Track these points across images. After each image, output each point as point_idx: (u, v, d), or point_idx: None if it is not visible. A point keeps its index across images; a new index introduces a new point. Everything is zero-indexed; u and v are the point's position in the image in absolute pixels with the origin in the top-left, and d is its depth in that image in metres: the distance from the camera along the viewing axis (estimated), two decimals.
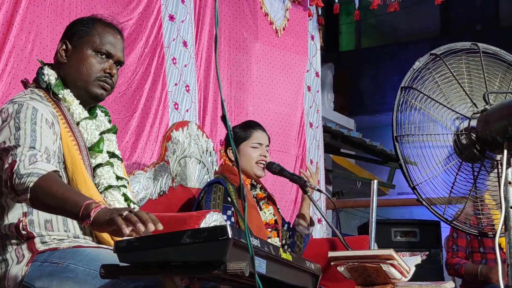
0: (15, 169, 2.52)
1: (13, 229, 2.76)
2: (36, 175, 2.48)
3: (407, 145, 3.27)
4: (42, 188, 2.46)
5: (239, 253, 2.14)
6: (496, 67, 3.41)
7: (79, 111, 2.93)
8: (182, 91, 5.36)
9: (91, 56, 2.94)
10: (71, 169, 2.78)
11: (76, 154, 2.82)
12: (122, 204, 2.88)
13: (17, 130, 2.66)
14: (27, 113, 2.70)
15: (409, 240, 7.42)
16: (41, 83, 2.93)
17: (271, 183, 5.85)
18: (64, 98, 2.91)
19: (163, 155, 4.61)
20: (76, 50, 2.95)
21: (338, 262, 3.42)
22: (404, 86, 3.31)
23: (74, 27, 3.00)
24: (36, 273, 2.68)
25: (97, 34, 2.97)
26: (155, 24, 5.19)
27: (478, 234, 3.41)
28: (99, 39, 2.96)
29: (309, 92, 6.84)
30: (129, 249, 2.19)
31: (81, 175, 2.79)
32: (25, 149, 2.59)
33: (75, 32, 2.98)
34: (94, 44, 2.95)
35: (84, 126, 2.92)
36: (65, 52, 2.96)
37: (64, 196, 2.43)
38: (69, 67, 2.95)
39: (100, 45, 2.96)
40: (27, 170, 2.50)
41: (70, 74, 2.94)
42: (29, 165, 2.52)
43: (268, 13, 6.44)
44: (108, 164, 2.93)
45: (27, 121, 2.68)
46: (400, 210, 13.08)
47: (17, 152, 2.58)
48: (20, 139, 2.63)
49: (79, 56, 2.94)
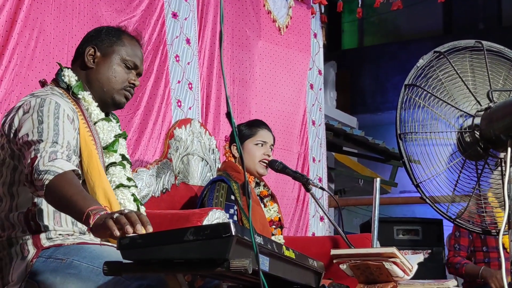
0: (35, 164, 2.55)
1: (22, 218, 2.77)
2: (52, 173, 2.51)
3: (411, 142, 3.27)
4: (55, 188, 2.50)
5: (242, 251, 2.14)
6: (500, 65, 3.40)
7: (97, 112, 3.00)
8: (185, 89, 5.36)
9: (120, 66, 3.05)
10: (86, 161, 2.82)
11: (93, 148, 2.86)
12: (132, 203, 2.94)
13: (40, 123, 2.69)
14: (50, 107, 2.75)
15: (411, 238, 7.42)
16: (61, 83, 2.99)
17: (273, 181, 5.85)
18: (83, 98, 2.98)
19: (166, 152, 4.61)
20: (105, 57, 3.04)
21: (341, 260, 3.42)
22: (408, 84, 3.30)
23: (101, 35, 3.09)
24: (40, 269, 2.69)
25: (125, 45, 3.08)
26: (158, 22, 5.19)
27: (482, 232, 3.40)
28: (127, 51, 3.07)
29: (311, 90, 6.83)
30: (132, 246, 2.18)
31: (96, 168, 2.82)
32: (47, 145, 2.62)
33: (104, 39, 3.07)
34: (123, 55, 3.06)
35: (101, 127, 2.99)
36: (92, 57, 3.04)
37: (72, 199, 2.46)
38: (96, 73, 3.03)
39: (129, 57, 3.07)
40: (46, 167, 2.53)
41: (97, 79, 3.03)
42: (48, 162, 2.55)
43: (271, 11, 6.43)
44: (120, 164, 3.00)
45: (50, 115, 2.72)
46: (402, 208, 13.09)
47: (40, 147, 2.61)
48: (43, 133, 2.66)
49: (108, 63, 3.04)
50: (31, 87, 4.02)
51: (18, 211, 2.79)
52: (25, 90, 3.99)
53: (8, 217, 2.80)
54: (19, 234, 2.77)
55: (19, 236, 2.77)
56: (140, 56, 3.13)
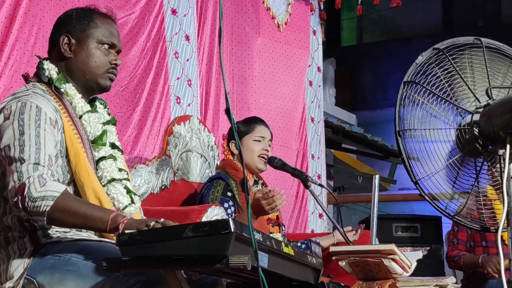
0: (26, 192, 2.55)
1: (15, 220, 2.76)
2: (51, 199, 2.54)
3: (410, 139, 3.27)
4: (60, 210, 2.54)
5: (241, 247, 2.14)
6: (499, 62, 3.40)
7: (81, 104, 2.94)
8: (184, 85, 5.36)
9: (97, 49, 2.97)
10: (74, 162, 2.79)
11: (80, 147, 2.82)
12: (125, 196, 2.91)
13: (21, 134, 2.66)
14: (31, 114, 2.70)
15: (410, 236, 7.44)
16: (42, 77, 2.93)
17: (272, 177, 5.85)
18: (66, 92, 2.92)
19: (165, 149, 4.61)
20: (80, 44, 2.96)
21: (340, 256, 3.43)
22: (407, 81, 3.30)
23: (73, 21, 2.99)
24: (38, 266, 2.69)
25: (98, 26, 2.99)
26: (157, 18, 5.19)
27: (480, 229, 3.40)
28: (101, 32, 2.98)
29: (310, 87, 6.83)
30: (131, 242, 2.19)
31: (84, 168, 2.80)
32: (30, 166, 2.60)
33: (75, 25, 2.97)
34: (99, 37, 2.97)
35: (87, 120, 2.93)
36: (68, 46, 2.96)
37: (86, 214, 2.54)
38: (76, 61, 2.96)
39: (105, 37, 2.98)
40: (40, 193, 2.55)
41: (77, 68, 2.96)
42: (40, 187, 2.56)
43: (270, 8, 6.43)
44: (111, 157, 2.95)
45: (31, 123, 2.68)
46: (401, 205, 13.08)
47: (23, 170, 2.60)
48: (24, 148, 2.64)
49: (85, 49, 2.95)
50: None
51: (12, 214, 2.77)
52: None
53: (2, 220, 2.79)
54: (16, 233, 2.77)
55: (16, 235, 2.77)
56: (116, 33, 3.04)
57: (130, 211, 2.88)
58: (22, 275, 2.70)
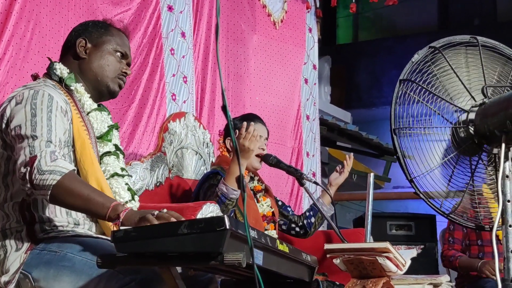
0: (36, 164, 2.58)
1: (17, 207, 2.78)
2: (58, 174, 2.56)
3: (405, 138, 3.27)
4: (65, 187, 2.56)
5: (237, 244, 2.14)
6: (495, 60, 3.40)
7: (89, 102, 3.01)
8: (179, 82, 5.36)
9: (112, 55, 3.07)
10: (79, 151, 2.83)
11: (86, 138, 2.87)
12: (126, 192, 2.96)
13: (33, 116, 2.70)
14: (43, 100, 2.75)
15: (404, 234, 7.44)
16: (53, 76, 2.99)
17: (267, 175, 5.85)
18: (76, 89, 2.99)
19: (160, 146, 4.61)
20: (96, 48, 3.06)
21: (334, 254, 3.42)
22: (403, 79, 3.30)
23: (89, 27, 3.11)
24: (34, 261, 2.70)
25: (114, 35, 3.11)
26: (153, 15, 5.19)
27: (475, 228, 3.41)
28: (117, 40, 3.10)
29: (306, 84, 6.84)
30: (126, 239, 2.19)
31: (89, 157, 2.84)
32: (42, 143, 2.64)
33: (92, 32, 3.09)
34: (114, 45, 3.09)
35: (94, 117, 3.00)
36: (84, 48, 3.05)
37: (89, 197, 2.56)
38: (89, 63, 3.05)
39: (119, 46, 3.10)
40: (49, 167, 2.57)
41: (90, 69, 3.04)
42: (50, 162, 2.58)
43: (266, 5, 6.43)
44: (114, 154, 3.01)
45: (44, 108, 2.73)
46: (395, 203, 13.11)
47: (35, 144, 2.63)
48: (37, 127, 2.68)
49: (100, 52, 3.06)
50: (26, 79, 4.01)
51: (13, 201, 2.79)
52: (20, 82, 3.98)
53: (3, 207, 2.80)
54: (14, 224, 2.77)
55: (13, 227, 2.77)
56: (129, 46, 3.17)
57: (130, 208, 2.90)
58: (18, 269, 2.71)
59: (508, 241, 3.10)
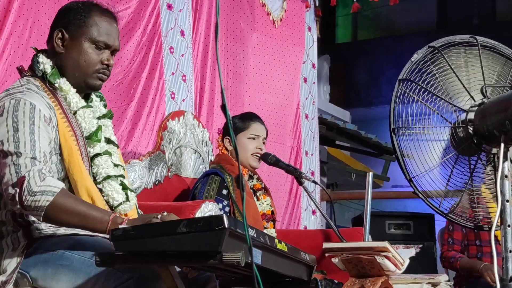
0: (26, 185, 2.55)
1: (9, 216, 2.75)
2: (51, 194, 2.54)
3: (404, 137, 3.27)
4: (59, 206, 2.54)
5: (235, 243, 2.14)
6: (494, 60, 3.39)
7: (76, 100, 2.89)
8: (178, 81, 5.36)
9: (89, 48, 2.90)
10: (67, 160, 2.77)
11: (73, 144, 2.79)
12: (120, 194, 2.88)
13: (15, 131, 2.64)
14: (25, 111, 2.67)
15: (403, 233, 7.43)
16: (37, 71, 2.88)
17: (266, 174, 5.85)
18: (60, 87, 2.87)
19: (159, 144, 4.61)
20: (73, 41, 2.90)
21: (333, 253, 3.42)
22: (402, 78, 3.30)
23: (70, 15, 2.92)
24: (31, 261, 2.69)
25: (95, 24, 2.91)
26: (153, 13, 5.18)
27: (474, 227, 3.40)
28: (97, 30, 2.90)
29: (305, 83, 6.83)
30: (125, 237, 2.18)
31: (77, 166, 2.77)
32: (27, 160, 2.59)
33: (72, 20, 2.91)
34: (92, 36, 2.90)
35: (81, 115, 2.88)
36: (61, 41, 2.90)
37: (86, 213, 2.55)
38: (66, 58, 2.90)
39: (98, 37, 2.90)
40: (40, 188, 2.55)
41: (68, 65, 2.90)
42: (40, 182, 2.55)
43: (265, 4, 6.43)
44: (106, 153, 2.91)
45: (26, 121, 2.66)
46: (394, 202, 13.10)
47: (20, 162, 2.59)
48: (19, 143, 2.62)
49: (77, 47, 2.89)
50: None
51: (6, 209, 2.76)
52: None
53: None
54: (10, 228, 2.76)
55: (10, 229, 2.76)
56: (114, 32, 2.96)
57: (125, 208, 2.86)
58: (15, 269, 2.69)
59: (507, 241, 3.10)
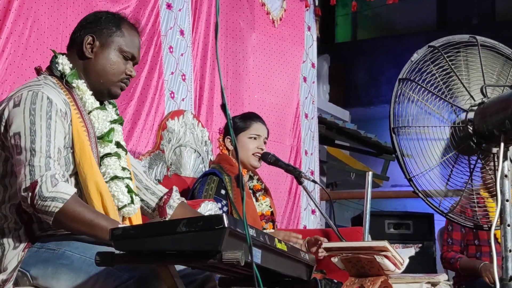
0: (38, 190, 2.59)
1: (14, 209, 2.76)
2: (61, 201, 2.58)
3: (404, 137, 3.26)
4: (68, 214, 2.59)
5: (235, 243, 2.14)
6: (494, 60, 3.39)
7: (91, 101, 2.94)
8: (178, 80, 5.36)
9: (118, 57, 2.98)
10: (79, 153, 2.80)
11: (85, 140, 2.83)
12: (125, 195, 2.92)
13: (32, 124, 2.67)
14: (43, 104, 2.71)
15: (402, 232, 7.43)
16: (55, 71, 2.93)
17: (266, 173, 5.85)
18: (78, 87, 2.92)
19: (158, 143, 4.60)
20: (103, 48, 2.97)
21: (332, 253, 3.42)
22: (402, 78, 3.30)
23: (101, 24, 3.00)
24: (32, 259, 2.70)
25: (124, 35, 3.00)
26: (152, 12, 5.18)
27: (474, 227, 3.40)
28: (126, 41, 3.00)
29: (305, 83, 6.84)
30: (125, 237, 2.18)
31: (88, 160, 2.81)
32: (42, 160, 2.63)
33: (103, 29, 2.98)
34: (123, 46, 2.99)
35: (95, 116, 2.93)
36: (91, 46, 2.97)
37: (93, 222, 2.59)
38: (94, 63, 2.97)
39: (127, 48, 3.00)
40: (51, 193, 2.59)
41: (94, 70, 2.96)
42: (52, 187, 2.59)
43: (265, 3, 6.43)
44: (115, 155, 2.95)
45: (43, 114, 2.69)
46: (393, 202, 13.11)
47: (35, 164, 2.62)
48: (35, 138, 2.65)
49: (106, 54, 2.97)
50: (25, 76, 4.01)
51: (10, 203, 2.77)
52: (19, 80, 3.98)
53: (0, 208, 2.79)
54: (11, 225, 2.77)
55: (11, 226, 2.76)
56: (138, 46, 3.07)
57: (129, 211, 2.90)
58: (16, 267, 2.70)
59: (507, 240, 3.10)
